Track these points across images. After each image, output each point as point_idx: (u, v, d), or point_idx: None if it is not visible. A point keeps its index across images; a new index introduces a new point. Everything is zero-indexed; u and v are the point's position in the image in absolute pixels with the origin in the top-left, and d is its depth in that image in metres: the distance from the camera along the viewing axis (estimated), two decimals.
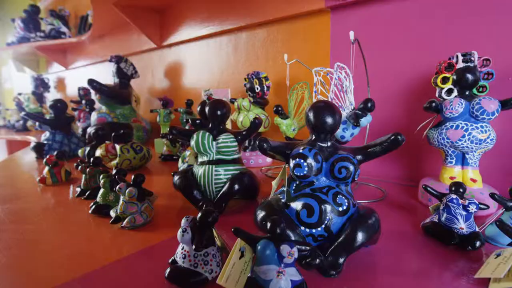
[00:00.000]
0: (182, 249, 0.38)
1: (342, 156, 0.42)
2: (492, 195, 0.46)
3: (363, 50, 0.69)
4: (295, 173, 0.42)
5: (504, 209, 0.46)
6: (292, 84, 0.88)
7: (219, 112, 0.65)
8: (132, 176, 0.57)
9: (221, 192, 0.61)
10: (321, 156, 0.43)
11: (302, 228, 0.42)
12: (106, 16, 1.52)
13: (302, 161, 0.42)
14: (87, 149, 0.99)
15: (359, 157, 0.44)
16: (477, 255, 0.44)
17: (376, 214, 0.42)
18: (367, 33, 0.81)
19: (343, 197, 0.43)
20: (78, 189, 0.72)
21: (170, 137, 1.11)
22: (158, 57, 1.57)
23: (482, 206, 0.46)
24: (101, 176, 0.62)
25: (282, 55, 1.04)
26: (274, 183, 0.49)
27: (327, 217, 0.42)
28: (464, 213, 0.46)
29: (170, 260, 0.41)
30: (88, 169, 0.71)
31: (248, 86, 1.00)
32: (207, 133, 0.63)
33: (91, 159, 0.72)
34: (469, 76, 0.58)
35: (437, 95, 0.65)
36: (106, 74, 1.91)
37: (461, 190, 0.48)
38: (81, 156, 1.02)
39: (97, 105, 1.46)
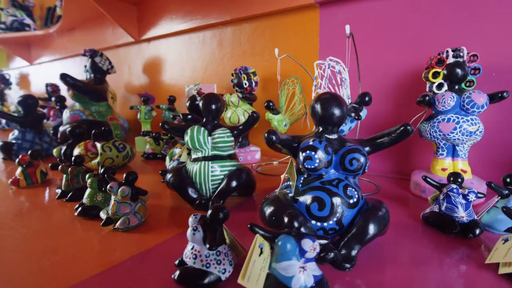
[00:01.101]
0: (192, 248, 0.36)
1: (352, 147, 0.41)
2: (489, 184, 0.48)
3: (347, 47, 0.69)
4: (306, 166, 0.41)
5: (499, 197, 0.48)
6: (283, 79, 0.87)
7: (213, 106, 0.62)
8: (124, 174, 0.53)
9: (219, 189, 0.59)
10: (331, 148, 0.42)
11: (313, 222, 0.41)
12: (78, 7, 1.43)
13: (313, 153, 0.41)
14: (63, 148, 0.92)
15: (367, 148, 0.44)
16: (477, 242, 0.46)
17: (385, 205, 0.42)
18: (356, 29, 0.81)
19: (353, 189, 0.43)
20: (58, 191, 0.66)
21: (154, 134, 1.06)
22: (135, 52, 1.50)
23: (480, 195, 0.48)
24: (88, 176, 0.58)
25: (269, 50, 1.04)
26: (283, 177, 0.47)
27: (339, 210, 0.41)
28: (463, 201, 0.47)
29: (177, 262, 0.38)
30: (69, 169, 0.65)
31: (235, 81, 0.98)
32: (202, 128, 0.61)
33: (73, 158, 0.66)
34: (459, 71, 0.61)
35: (427, 89, 0.67)
36: (75, 70, 1.80)
37: (459, 180, 0.49)
38: (57, 156, 0.94)
39: (69, 102, 1.37)
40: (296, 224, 0.34)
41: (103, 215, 0.52)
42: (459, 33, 0.70)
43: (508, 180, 0.48)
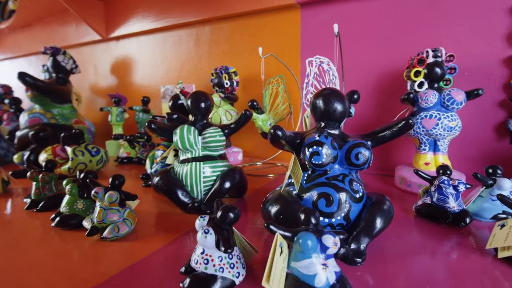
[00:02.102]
0: (203, 253, 0.33)
1: (357, 142, 0.41)
2: (475, 175, 0.51)
3: (335, 45, 0.70)
4: (313, 162, 0.40)
5: (484, 187, 0.51)
6: (266, 79, 0.86)
7: (202, 105, 0.59)
8: (110, 178, 0.49)
9: (212, 191, 0.56)
10: (336, 143, 0.42)
11: (321, 218, 0.41)
12: (35, 1, 1.31)
13: (320, 148, 0.40)
14: (26, 153, 0.83)
15: (369, 143, 0.44)
16: (467, 229, 0.48)
17: (388, 198, 0.43)
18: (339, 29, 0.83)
19: (358, 184, 0.43)
20: (27, 200, 0.59)
21: (128, 137, 1.00)
22: (102, 51, 1.41)
23: (468, 186, 0.50)
24: (65, 182, 0.52)
25: (249, 50, 1.03)
26: (287, 174, 0.46)
27: (346, 205, 0.41)
28: (454, 192, 0.50)
29: (183, 269, 0.35)
30: (40, 175, 0.58)
31: (216, 81, 0.96)
32: (192, 127, 0.58)
33: (44, 163, 0.59)
34: (438, 70, 0.64)
35: (409, 88, 0.70)
36: (31, 70, 1.64)
37: (448, 172, 0.52)
38: (18, 163, 0.85)
39: (26, 104, 1.25)
40: (313, 220, 0.33)
41: (86, 224, 0.47)
42: (434, 35, 0.74)
43: (490, 170, 0.51)
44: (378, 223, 0.40)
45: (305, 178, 0.43)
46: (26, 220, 0.55)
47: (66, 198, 0.51)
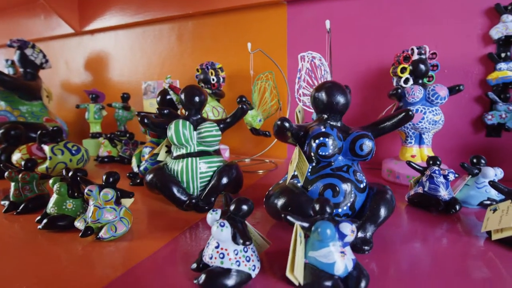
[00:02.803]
0: (217, 247, 0.32)
1: (361, 133, 0.42)
2: (462, 165, 0.54)
3: (326, 41, 0.71)
4: (320, 153, 0.41)
5: (470, 176, 0.54)
6: (255, 75, 0.86)
7: (197, 99, 0.58)
8: (103, 176, 0.46)
9: (209, 187, 0.55)
10: (342, 134, 0.42)
11: None
12: None
13: (326, 139, 0.41)
14: None
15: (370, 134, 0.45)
16: (457, 216, 0.51)
17: (389, 188, 0.44)
18: (323, 27, 0.85)
19: (361, 174, 0.44)
20: (6, 202, 0.54)
21: (109, 135, 0.95)
22: (75, 45, 1.33)
23: (456, 175, 0.53)
24: (52, 181, 0.48)
25: (235, 46, 1.02)
26: (293, 167, 0.45)
27: (352, 195, 0.41)
28: (444, 181, 0.52)
29: (194, 266, 0.34)
30: (20, 175, 0.54)
31: (201, 77, 0.94)
32: (187, 122, 0.56)
33: (23, 162, 0.55)
34: (423, 66, 0.67)
35: (394, 84, 0.72)
36: None
37: (438, 162, 0.55)
38: None
39: None
40: (328, 209, 0.33)
41: (79, 224, 0.44)
42: (417, 34, 0.78)
43: (474, 160, 0.55)
44: (383, 212, 0.41)
45: (310, 170, 0.43)
46: (5, 224, 0.50)
47: (54, 198, 0.47)
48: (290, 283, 0.32)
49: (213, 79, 0.94)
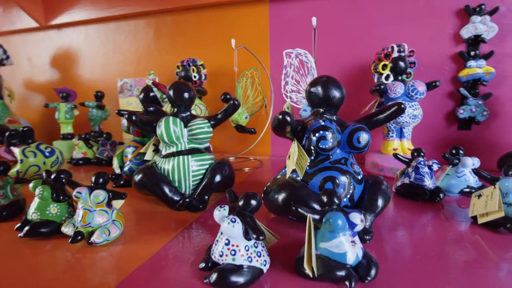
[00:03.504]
0: (228, 244, 0.31)
1: (357, 126, 0.43)
2: (444, 156, 0.58)
3: (313, 38, 0.73)
4: (320, 146, 0.41)
5: (450, 166, 0.58)
6: (239, 71, 0.85)
7: (186, 95, 0.56)
8: (93, 177, 0.43)
9: (202, 185, 0.54)
10: (339, 128, 0.43)
11: None
12: None
13: (326, 133, 0.41)
14: None
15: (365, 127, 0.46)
16: (441, 204, 0.54)
17: (384, 179, 0.46)
18: (304, 25, 0.86)
19: (358, 166, 0.45)
20: None
21: (84, 136, 0.90)
22: (40, 40, 1.24)
23: (439, 165, 0.56)
24: (33, 184, 0.44)
25: (215, 42, 1.00)
26: (294, 161, 0.45)
27: (351, 187, 0.42)
28: (429, 171, 0.55)
29: (202, 265, 0.33)
30: None
31: (182, 74, 0.91)
32: (178, 119, 0.54)
33: None
34: (402, 64, 0.71)
35: (376, 80, 0.75)
36: None
37: (422, 154, 0.57)
38: None
39: None
40: (336, 200, 0.33)
41: (67, 229, 0.41)
42: (394, 33, 0.81)
43: (454, 151, 0.58)
44: (380, 202, 0.42)
45: (308, 163, 0.44)
46: None
47: (36, 202, 0.44)
48: (301, 276, 0.32)
49: (195, 76, 0.92)
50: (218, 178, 0.55)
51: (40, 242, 0.42)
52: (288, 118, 0.40)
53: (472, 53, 0.75)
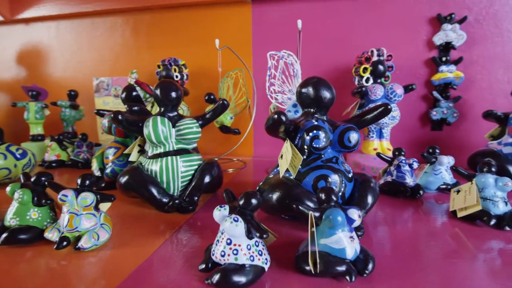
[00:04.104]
0: (229, 244, 0.31)
1: (348, 126, 0.44)
2: (422, 154, 0.61)
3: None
4: (314, 145, 0.42)
5: (428, 164, 0.61)
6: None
7: (174, 94, 0.55)
8: (78, 179, 0.41)
9: (192, 186, 0.53)
10: (331, 127, 0.44)
11: None
12: None
13: (319, 132, 0.42)
14: None
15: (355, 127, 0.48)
16: (421, 200, 0.57)
17: (372, 177, 0.48)
18: (287, 27, 0.87)
19: (347, 165, 0.46)
20: None
21: (57, 137, 0.85)
22: (4, 35, 1.15)
23: (418, 164, 0.60)
24: (10, 187, 0.41)
25: (197, 42, 0.99)
26: (288, 161, 0.46)
27: (342, 185, 0.43)
28: (409, 169, 0.58)
29: (203, 266, 0.33)
30: None
31: (163, 73, 0.89)
32: (166, 119, 0.53)
33: None
34: (381, 67, 0.74)
35: (356, 83, 0.78)
36: None
37: (403, 153, 0.60)
38: None
39: None
40: (334, 198, 0.34)
41: (51, 235, 0.39)
42: (372, 38, 0.85)
43: (430, 150, 0.62)
44: (370, 199, 0.44)
45: (300, 163, 0.44)
46: None
47: (14, 207, 0.41)
48: (301, 273, 0.33)
49: (177, 76, 0.90)
50: (207, 179, 0.54)
51: (20, 250, 0.39)
52: (284, 118, 0.41)
53: (444, 58, 0.80)
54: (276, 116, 0.41)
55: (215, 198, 0.60)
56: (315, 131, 0.42)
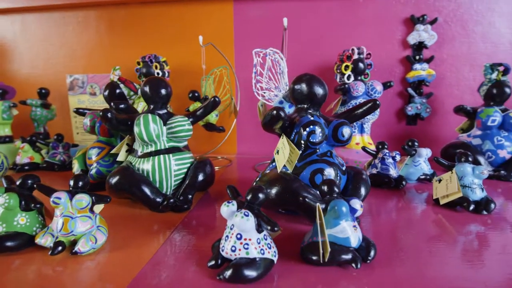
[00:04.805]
0: (240, 238, 0.31)
1: (341, 121, 0.46)
2: (402, 147, 0.65)
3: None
4: (311, 140, 0.43)
5: (409, 156, 0.65)
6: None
7: (163, 91, 0.54)
8: (71, 180, 0.39)
9: (185, 184, 0.52)
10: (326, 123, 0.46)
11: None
12: None
13: (316, 127, 0.43)
14: None
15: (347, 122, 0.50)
16: (403, 190, 0.61)
17: (364, 170, 0.50)
18: (269, 26, 0.88)
19: (341, 158, 0.48)
20: None
21: (29, 138, 0.79)
22: None
23: (400, 157, 0.63)
24: None
25: (177, 39, 0.97)
26: (286, 157, 0.46)
27: (338, 178, 0.45)
28: (392, 162, 0.62)
29: (212, 263, 0.32)
30: None
31: (144, 70, 0.86)
32: (157, 117, 0.51)
33: None
34: (361, 65, 0.77)
35: (338, 80, 0.81)
36: None
37: (386, 146, 0.64)
38: None
39: None
40: (336, 189, 0.36)
41: (44, 241, 0.37)
42: (351, 37, 0.88)
43: (410, 143, 0.66)
44: (363, 190, 0.46)
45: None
46: None
47: (0, 213, 0.38)
48: (308, 263, 0.34)
49: (158, 73, 0.88)
50: (201, 177, 0.54)
51: (7, 258, 0.36)
52: (282, 114, 0.42)
53: (417, 57, 0.85)
54: (275, 112, 0.41)
55: (208, 196, 0.60)
56: (311, 126, 0.43)
